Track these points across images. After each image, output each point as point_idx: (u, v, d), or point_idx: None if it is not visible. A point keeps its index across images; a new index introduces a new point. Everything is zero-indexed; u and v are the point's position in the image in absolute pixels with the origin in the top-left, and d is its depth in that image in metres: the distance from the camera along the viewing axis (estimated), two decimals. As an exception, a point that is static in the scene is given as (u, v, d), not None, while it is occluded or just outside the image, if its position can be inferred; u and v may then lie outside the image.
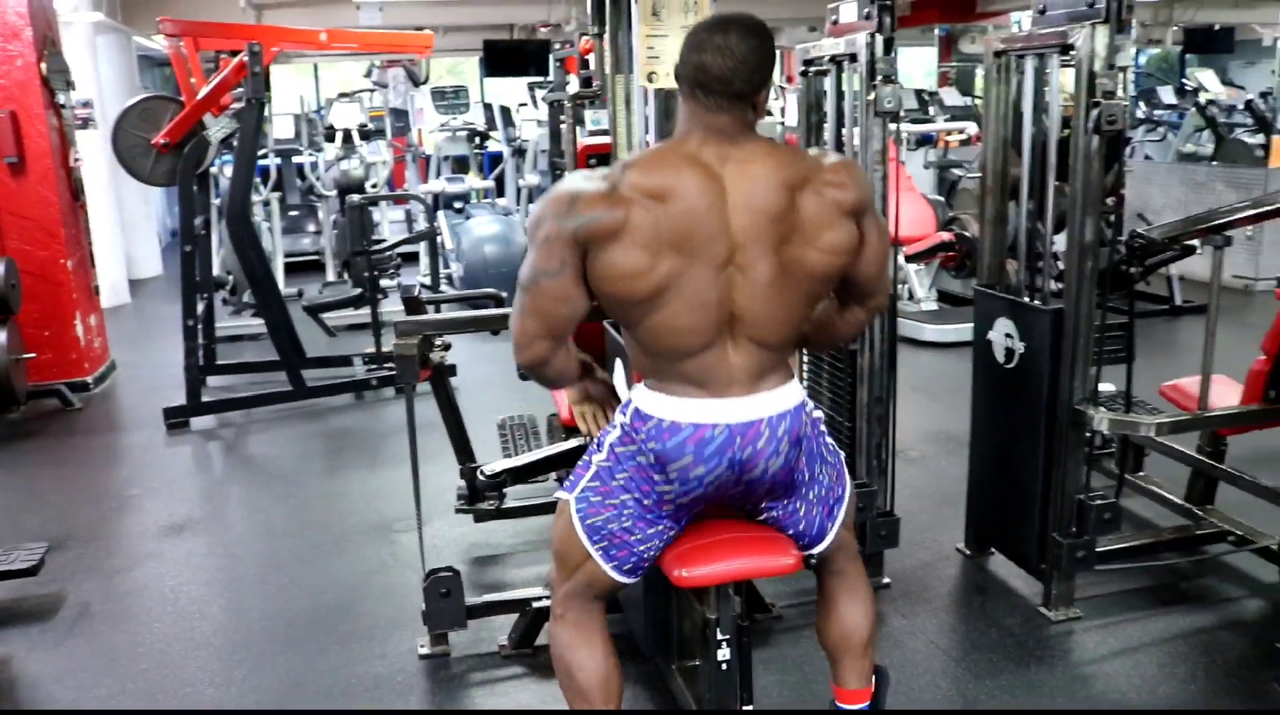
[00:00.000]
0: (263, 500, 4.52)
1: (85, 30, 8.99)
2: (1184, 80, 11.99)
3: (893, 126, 3.15)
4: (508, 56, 11.48)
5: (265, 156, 8.99)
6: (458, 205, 9.34)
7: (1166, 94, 12.36)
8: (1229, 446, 3.67)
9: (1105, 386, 3.66)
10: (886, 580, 3.48)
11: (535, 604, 3.14)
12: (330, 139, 8.52)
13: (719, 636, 2.36)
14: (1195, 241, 3.26)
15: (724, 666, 2.39)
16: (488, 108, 10.89)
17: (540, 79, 10.34)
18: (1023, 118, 3.22)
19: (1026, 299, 3.23)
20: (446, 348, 3.23)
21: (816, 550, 2.28)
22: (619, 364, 2.66)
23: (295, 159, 10.18)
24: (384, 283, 6.43)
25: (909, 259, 6.95)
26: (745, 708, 2.48)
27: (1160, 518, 3.84)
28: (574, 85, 7.10)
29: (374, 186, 8.89)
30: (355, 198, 6.01)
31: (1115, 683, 2.93)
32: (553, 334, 2.04)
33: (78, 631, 3.39)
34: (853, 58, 3.14)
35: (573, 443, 3.81)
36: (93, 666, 3.17)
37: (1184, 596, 3.38)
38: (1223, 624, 3.21)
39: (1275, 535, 3.38)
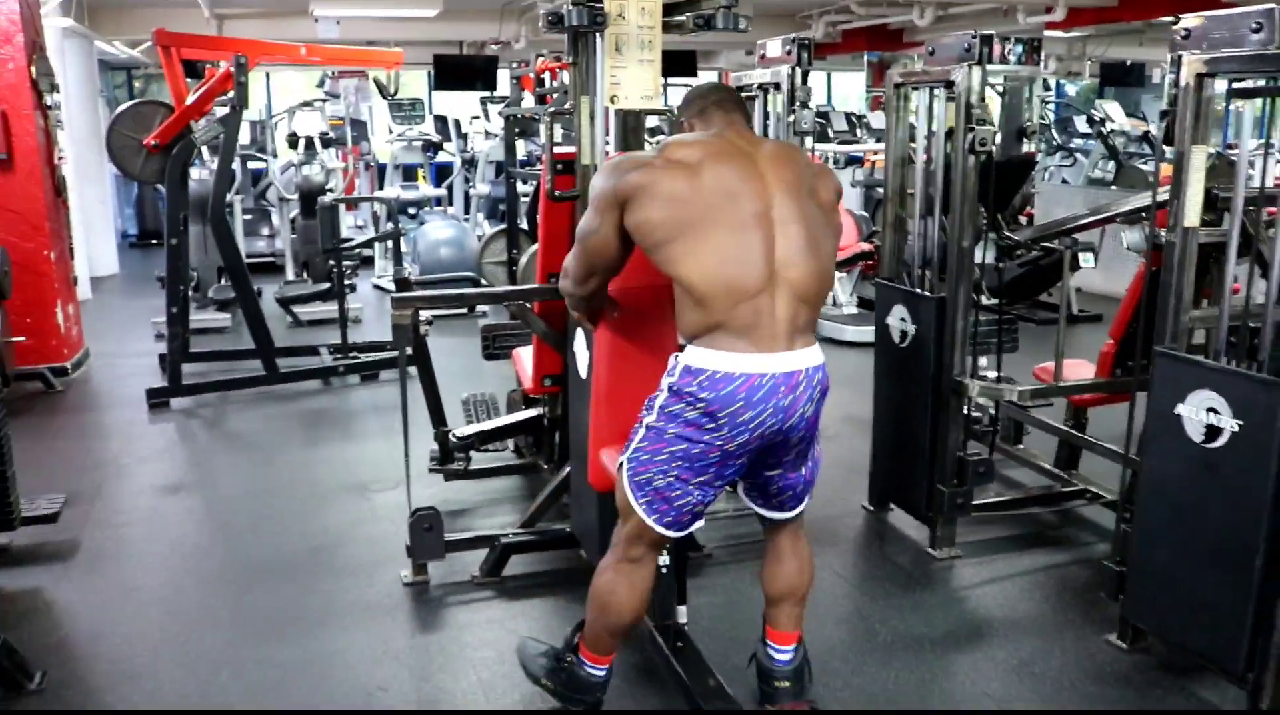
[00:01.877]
0: (249, 467, 5.02)
1: (55, 35, 9.38)
2: (1092, 112, 12.87)
3: (810, 143, 3.77)
4: (456, 71, 12.01)
5: (229, 161, 9.42)
6: (411, 211, 9.86)
7: (1082, 124, 13.24)
8: (1090, 420, 4.36)
9: (992, 373, 4.33)
10: (802, 529, 4.09)
11: (503, 540, 3.70)
12: (293, 145, 8.98)
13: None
14: (1055, 243, 3.92)
15: (664, 571, 2.98)
16: (441, 120, 11.40)
17: (490, 94, 10.90)
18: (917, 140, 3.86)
19: (918, 290, 3.87)
20: (429, 323, 3.78)
21: (795, 511, 2.63)
22: (580, 332, 3.22)
23: (251, 164, 10.64)
24: (347, 280, 6.94)
25: (832, 267, 7.61)
26: (681, 606, 3.08)
27: (1035, 482, 4.50)
28: (529, 101, 7.69)
29: (331, 191, 9.37)
30: (327, 199, 6.51)
31: (984, 602, 3.58)
32: (599, 273, 2.58)
33: (97, 569, 3.87)
34: (777, 86, 3.76)
35: (533, 412, 4.39)
36: (115, 594, 3.67)
37: (1047, 541, 4.05)
38: (1075, 560, 3.88)
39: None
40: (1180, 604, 2.94)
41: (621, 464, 2.53)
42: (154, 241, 12.62)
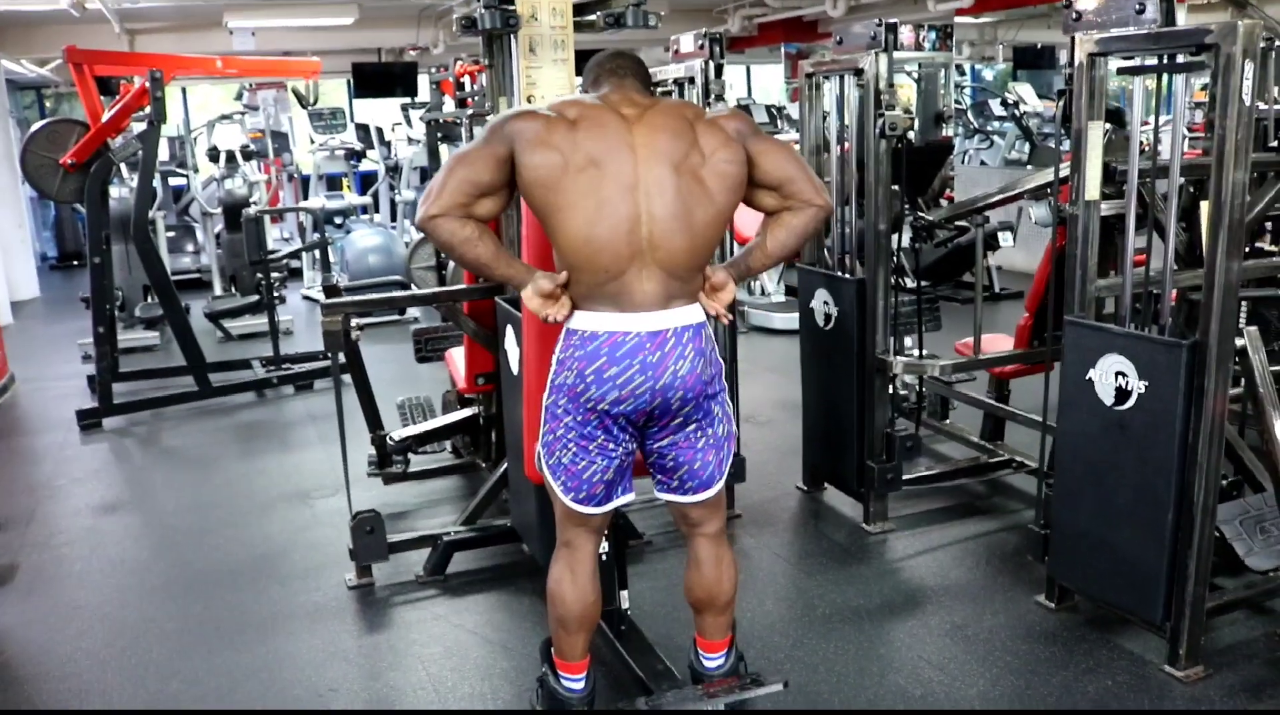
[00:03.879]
0: (187, 482, 5.00)
1: (-40, 57, 9.23)
2: (1006, 94, 13.14)
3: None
4: (376, 79, 12.00)
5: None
6: (338, 221, 9.82)
7: (998, 107, 13.53)
8: (1013, 392, 4.51)
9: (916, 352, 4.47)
10: (739, 512, 4.19)
11: (445, 538, 3.74)
12: (214, 159, 8.90)
13: (601, 533, 3.01)
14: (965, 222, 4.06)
15: (604, 558, 3.05)
16: (363, 128, 11.36)
17: (411, 100, 10.88)
18: (830, 127, 3.97)
19: (838, 273, 3.98)
20: (360, 329, 3.81)
21: (703, 495, 2.57)
22: (510, 329, 3.28)
23: (172, 180, 10.51)
24: (276, 292, 6.91)
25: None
26: (622, 591, 3.16)
27: (962, 454, 4.64)
28: (449, 106, 7.71)
29: (255, 203, 9.30)
30: (251, 211, 6.48)
31: (917, 572, 3.70)
32: (454, 191, 2.31)
33: (38, 590, 3.85)
34: (691, 80, 3.85)
35: (468, 411, 4.44)
36: (59, 614, 3.65)
37: (977, 510, 4.19)
38: (1003, 527, 4.02)
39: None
40: (1101, 561, 3.07)
41: (539, 451, 2.57)
42: (75, 262, 12.41)
